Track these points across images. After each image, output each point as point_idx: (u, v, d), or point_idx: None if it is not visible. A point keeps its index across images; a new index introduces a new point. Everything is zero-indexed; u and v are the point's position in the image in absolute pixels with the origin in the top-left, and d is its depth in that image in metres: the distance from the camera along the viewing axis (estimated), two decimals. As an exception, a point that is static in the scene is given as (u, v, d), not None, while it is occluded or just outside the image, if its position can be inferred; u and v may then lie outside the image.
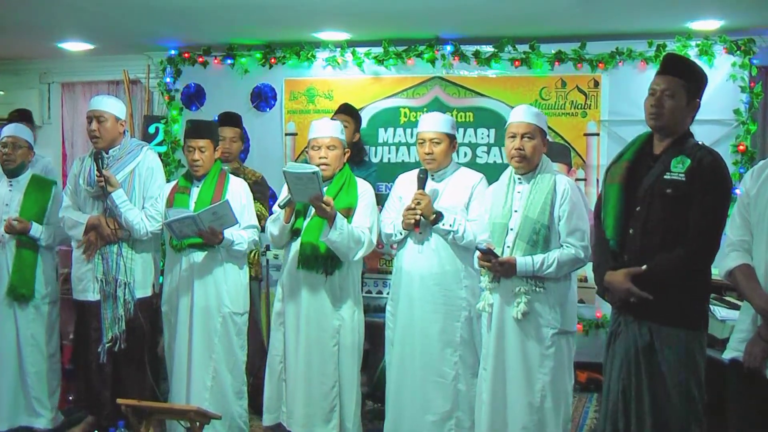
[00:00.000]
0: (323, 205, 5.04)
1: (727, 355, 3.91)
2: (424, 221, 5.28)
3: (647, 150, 4.16)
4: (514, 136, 4.85)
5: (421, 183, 5.35)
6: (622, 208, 4.09)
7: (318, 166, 5.20)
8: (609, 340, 4.25)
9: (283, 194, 5.32)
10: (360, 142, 6.72)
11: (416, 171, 5.44)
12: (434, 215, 5.25)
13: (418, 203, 5.26)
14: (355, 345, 5.46)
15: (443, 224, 5.26)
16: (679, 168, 3.94)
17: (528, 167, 4.87)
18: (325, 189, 5.20)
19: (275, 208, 5.43)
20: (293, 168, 4.99)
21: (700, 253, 3.95)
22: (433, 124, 5.42)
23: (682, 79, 4.05)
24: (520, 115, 4.89)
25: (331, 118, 6.28)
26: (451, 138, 5.43)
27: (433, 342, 5.34)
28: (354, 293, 5.48)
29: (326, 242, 5.17)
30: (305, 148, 5.81)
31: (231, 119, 6.62)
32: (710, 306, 5.25)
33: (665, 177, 3.96)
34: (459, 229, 5.23)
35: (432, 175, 5.45)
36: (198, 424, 4.73)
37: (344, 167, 5.49)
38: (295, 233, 5.38)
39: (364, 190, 5.49)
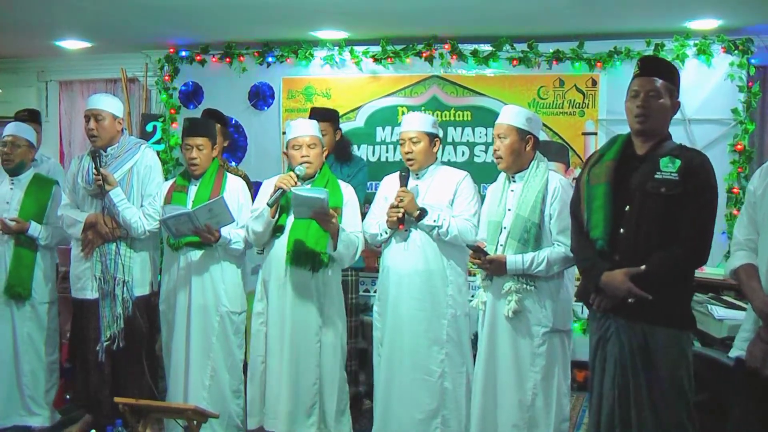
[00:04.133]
0: (329, 218, 5.10)
1: (733, 353, 3.92)
2: (408, 218, 5.32)
3: (629, 151, 4.12)
4: (494, 138, 4.96)
5: (404, 181, 5.39)
6: (610, 207, 4.04)
7: (301, 164, 5.29)
8: (597, 345, 4.18)
9: (265, 188, 5.37)
10: (344, 140, 6.68)
11: (408, 168, 5.48)
12: (418, 212, 5.28)
13: (401, 200, 5.29)
14: (337, 343, 5.45)
15: (427, 220, 5.28)
16: (670, 167, 3.90)
17: (508, 166, 4.92)
18: (309, 187, 5.24)
19: (256, 205, 5.44)
20: (301, 191, 5.05)
21: (698, 252, 3.93)
22: (412, 123, 5.47)
23: (664, 80, 4.02)
24: (501, 116, 4.98)
25: None
26: (432, 137, 5.45)
27: (420, 340, 5.37)
28: (337, 292, 5.50)
29: (334, 255, 5.24)
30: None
31: (212, 115, 6.63)
32: (708, 305, 5.27)
33: (656, 176, 3.92)
34: (443, 224, 5.24)
35: (416, 174, 5.48)
36: (195, 423, 4.72)
37: (324, 167, 5.51)
38: (277, 230, 5.38)
39: (350, 193, 5.52)
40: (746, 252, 3.88)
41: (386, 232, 5.47)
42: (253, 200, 5.74)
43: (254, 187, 6.01)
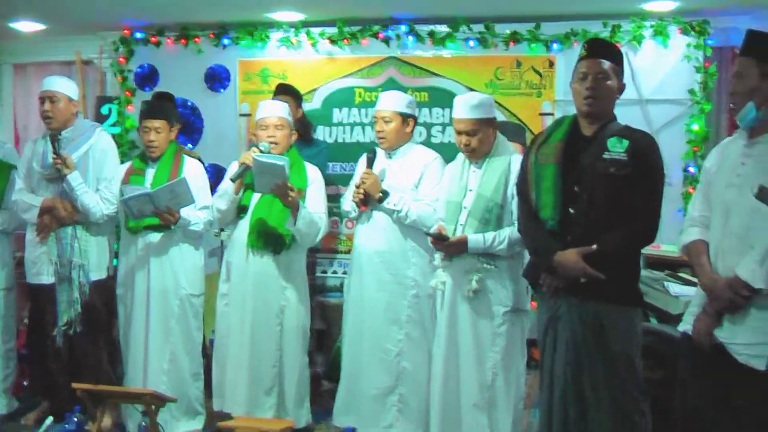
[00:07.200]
0: (289, 192, 5.06)
1: (681, 327, 3.96)
2: (371, 199, 5.34)
3: (576, 132, 4.15)
4: (459, 133, 4.91)
5: (369, 163, 5.42)
6: (560, 188, 4.06)
7: (268, 144, 5.30)
8: (547, 324, 4.19)
9: (233, 168, 5.38)
10: (305, 119, 6.69)
11: (375, 150, 5.54)
12: (380, 194, 5.30)
13: (363, 182, 5.32)
14: (299, 327, 5.48)
15: (387, 203, 5.31)
16: (618, 148, 3.94)
17: (481, 156, 4.93)
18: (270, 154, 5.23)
19: (222, 185, 5.44)
20: (262, 157, 5.03)
21: (648, 231, 4.01)
22: (385, 102, 5.50)
23: (611, 62, 4.07)
24: (459, 111, 4.92)
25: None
26: (405, 117, 5.45)
27: (379, 318, 5.39)
28: (301, 275, 5.52)
29: (293, 231, 5.22)
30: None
31: (162, 97, 6.64)
32: (664, 282, 5.32)
33: (605, 157, 3.95)
34: (403, 208, 5.27)
35: (388, 154, 5.50)
36: (154, 407, 4.71)
37: (291, 149, 5.51)
38: (241, 210, 5.40)
39: (315, 174, 5.54)
40: (698, 228, 3.92)
41: (355, 210, 5.50)
42: (210, 183, 5.73)
43: (208, 170, 6.00)
